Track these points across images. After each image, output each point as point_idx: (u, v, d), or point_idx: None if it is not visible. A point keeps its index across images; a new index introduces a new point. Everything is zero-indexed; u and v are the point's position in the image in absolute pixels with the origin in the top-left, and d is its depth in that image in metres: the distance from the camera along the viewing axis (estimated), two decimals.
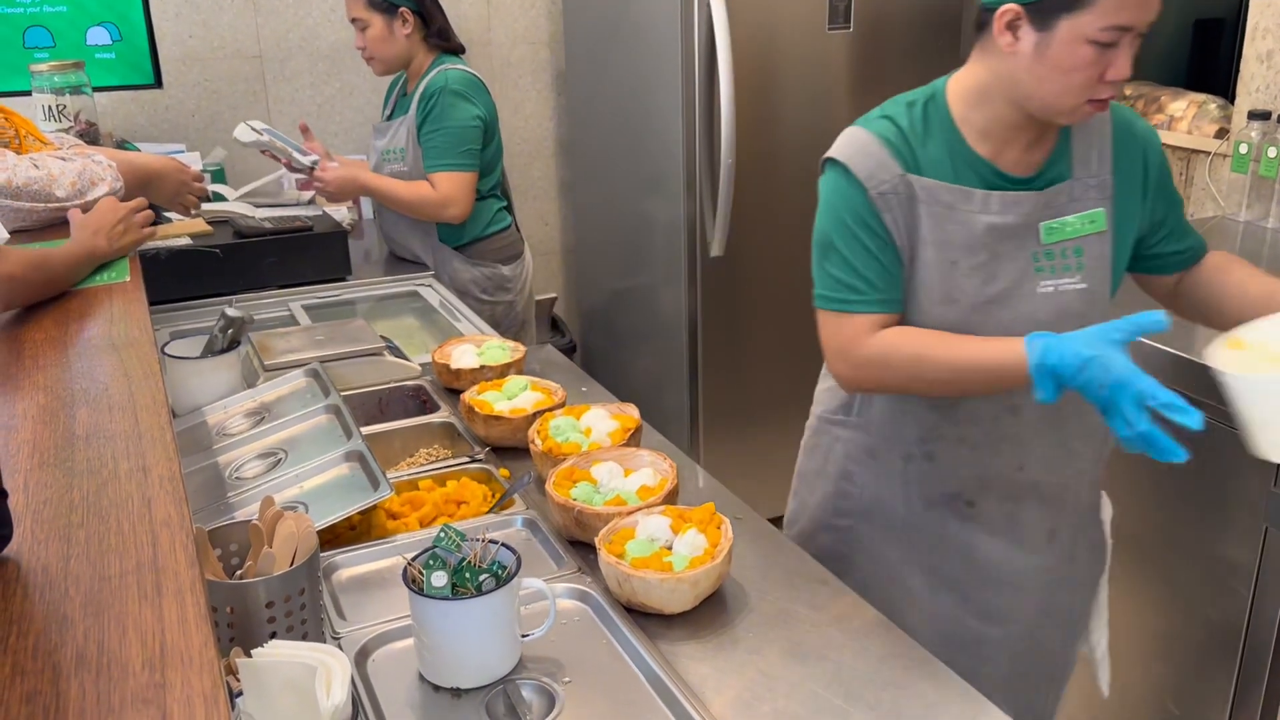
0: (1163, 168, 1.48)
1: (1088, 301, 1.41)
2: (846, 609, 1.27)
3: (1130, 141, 1.44)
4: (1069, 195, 1.40)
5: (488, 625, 1.13)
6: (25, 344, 1.35)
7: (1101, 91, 1.30)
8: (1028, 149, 1.40)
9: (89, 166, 1.87)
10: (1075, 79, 1.28)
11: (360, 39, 2.68)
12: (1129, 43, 1.28)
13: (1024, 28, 1.30)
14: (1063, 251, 1.40)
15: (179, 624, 0.76)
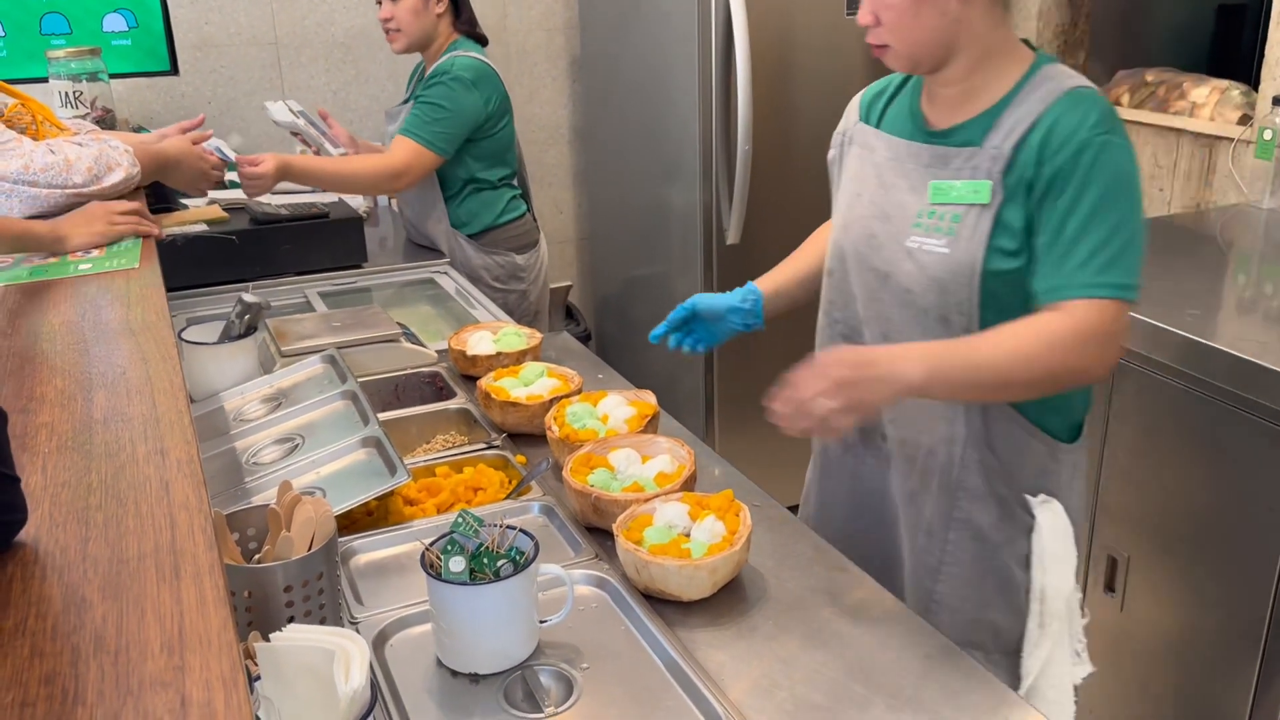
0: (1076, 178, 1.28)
1: (948, 269, 1.36)
2: (866, 597, 1.26)
3: (1053, 133, 1.30)
4: (967, 161, 1.36)
5: (505, 611, 1.13)
6: (43, 328, 1.35)
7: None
8: (950, 106, 1.40)
9: (105, 152, 1.86)
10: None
11: (389, 9, 2.61)
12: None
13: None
14: (943, 215, 1.38)
15: (197, 606, 0.75)
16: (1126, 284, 1.26)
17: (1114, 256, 1.26)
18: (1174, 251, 2.29)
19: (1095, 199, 1.27)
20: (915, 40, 1.35)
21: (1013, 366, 1.26)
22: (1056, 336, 1.26)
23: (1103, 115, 1.30)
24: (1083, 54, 3.15)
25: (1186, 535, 1.89)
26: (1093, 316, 1.25)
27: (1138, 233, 1.28)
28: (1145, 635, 2.00)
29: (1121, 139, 1.30)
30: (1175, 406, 1.86)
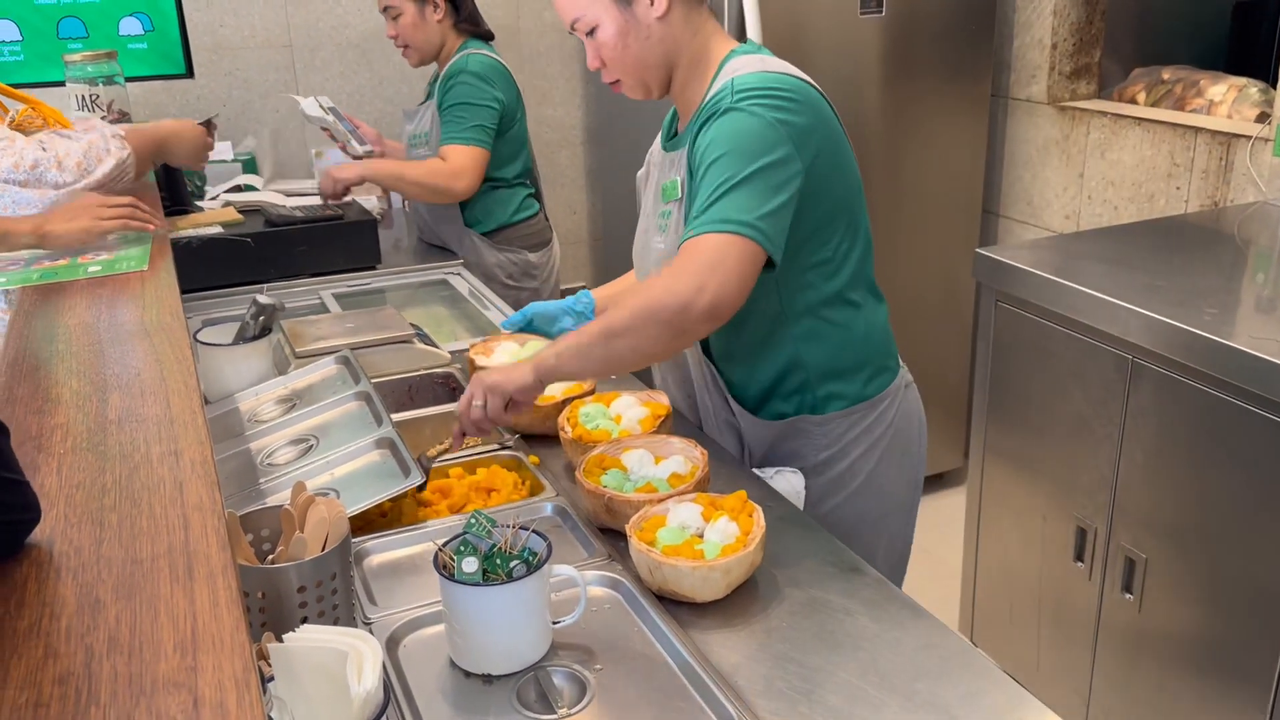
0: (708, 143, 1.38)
1: (663, 261, 1.48)
2: (880, 598, 1.25)
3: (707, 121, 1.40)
4: (675, 163, 1.49)
5: (518, 612, 1.12)
6: (59, 329, 1.35)
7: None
8: (684, 115, 1.53)
9: (94, 143, 1.81)
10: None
11: (392, 28, 2.68)
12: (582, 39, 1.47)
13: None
14: (666, 213, 1.51)
15: (210, 607, 0.75)
16: (727, 219, 1.30)
17: (719, 198, 1.32)
18: (1191, 250, 2.27)
19: (711, 156, 1.36)
20: (634, 69, 1.47)
21: (610, 319, 1.34)
22: (652, 279, 1.34)
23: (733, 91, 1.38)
24: (1098, 51, 3.13)
25: (1205, 536, 1.88)
26: (687, 252, 1.31)
27: (746, 179, 1.32)
28: (1163, 637, 1.99)
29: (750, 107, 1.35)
30: (1193, 406, 1.85)
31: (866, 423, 1.57)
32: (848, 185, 1.49)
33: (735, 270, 1.29)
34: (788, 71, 1.43)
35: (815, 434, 1.56)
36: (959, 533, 2.58)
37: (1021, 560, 2.34)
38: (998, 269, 2.23)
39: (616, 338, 1.33)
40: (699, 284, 1.28)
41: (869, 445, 1.58)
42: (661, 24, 1.43)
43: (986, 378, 2.36)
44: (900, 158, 3.11)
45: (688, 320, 1.30)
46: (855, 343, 1.55)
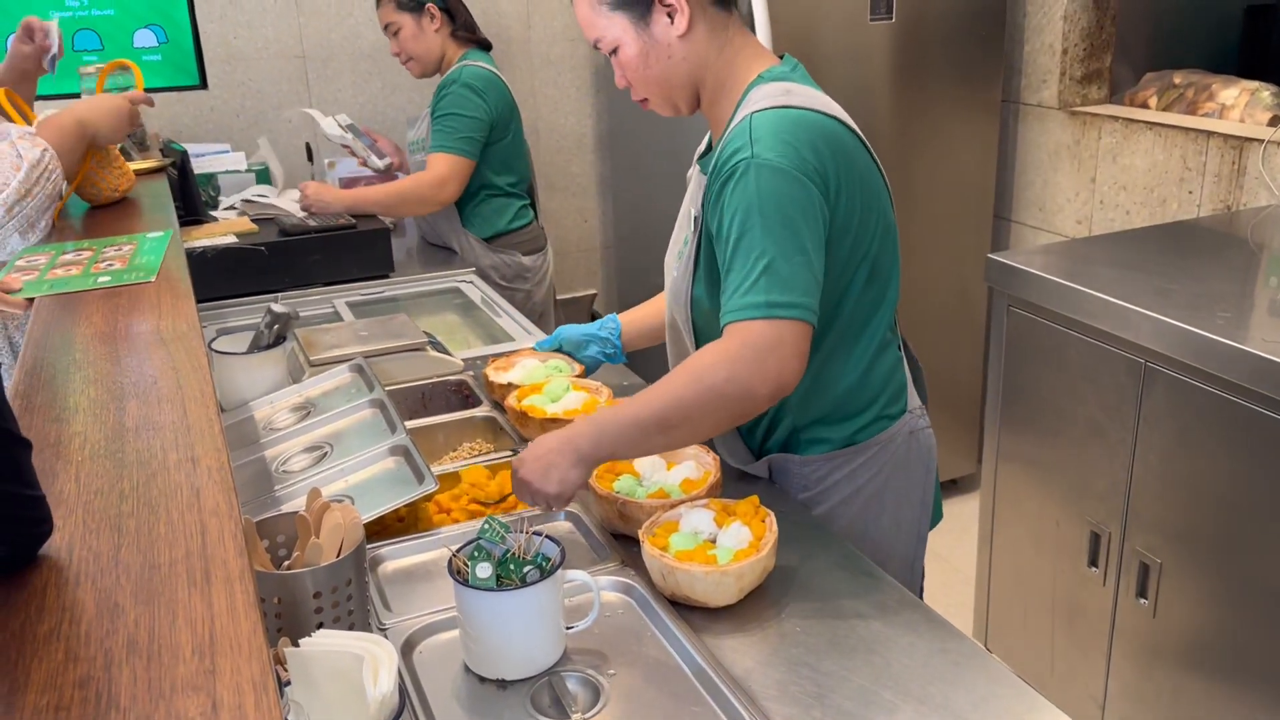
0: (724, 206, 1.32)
1: (674, 289, 1.50)
2: (893, 602, 1.25)
3: (724, 163, 1.34)
4: (700, 187, 1.44)
5: (532, 617, 1.13)
6: (76, 339, 1.36)
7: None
8: (716, 135, 1.47)
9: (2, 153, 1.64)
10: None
11: (394, 44, 2.81)
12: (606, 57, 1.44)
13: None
14: (685, 239, 1.48)
15: (228, 611, 0.76)
16: (772, 301, 1.26)
17: (757, 278, 1.27)
18: (1204, 254, 2.26)
19: (739, 225, 1.29)
20: (659, 88, 1.42)
21: (665, 406, 1.29)
22: (702, 364, 1.28)
23: (755, 139, 1.30)
24: (1109, 56, 3.13)
25: (1219, 540, 1.87)
26: (739, 337, 1.27)
27: (783, 249, 1.27)
28: (1178, 642, 1.98)
29: (769, 157, 1.28)
30: (1207, 410, 1.84)
31: (850, 468, 1.50)
32: (871, 230, 1.41)
33: (794, 351, 1.28)
34: (810, 106, 1.36)
35: (795, 474, 1.52)
36: (973, 538, 2.57)
37: (1035, 565, 2.33)
38: (1010, 274, 2.23)
39: (673, 429, 1.30)
40: (760, 370, 1.26)
41: (852, 491, 1.51)
42: (684, 42, 1.38)
43: (999, 383, 2.36)
44: (911, 163, 3.11)
45: (752, 404, 1.29)
46: (854, 387, 1.48)
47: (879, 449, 1.51)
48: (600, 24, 1.39)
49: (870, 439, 1.50)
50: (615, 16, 1.38)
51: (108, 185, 1.99)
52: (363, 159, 2.93)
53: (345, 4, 3.32)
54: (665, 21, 1.37)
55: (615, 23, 1.38)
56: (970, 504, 3.37)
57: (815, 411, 1.49)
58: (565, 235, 3.79)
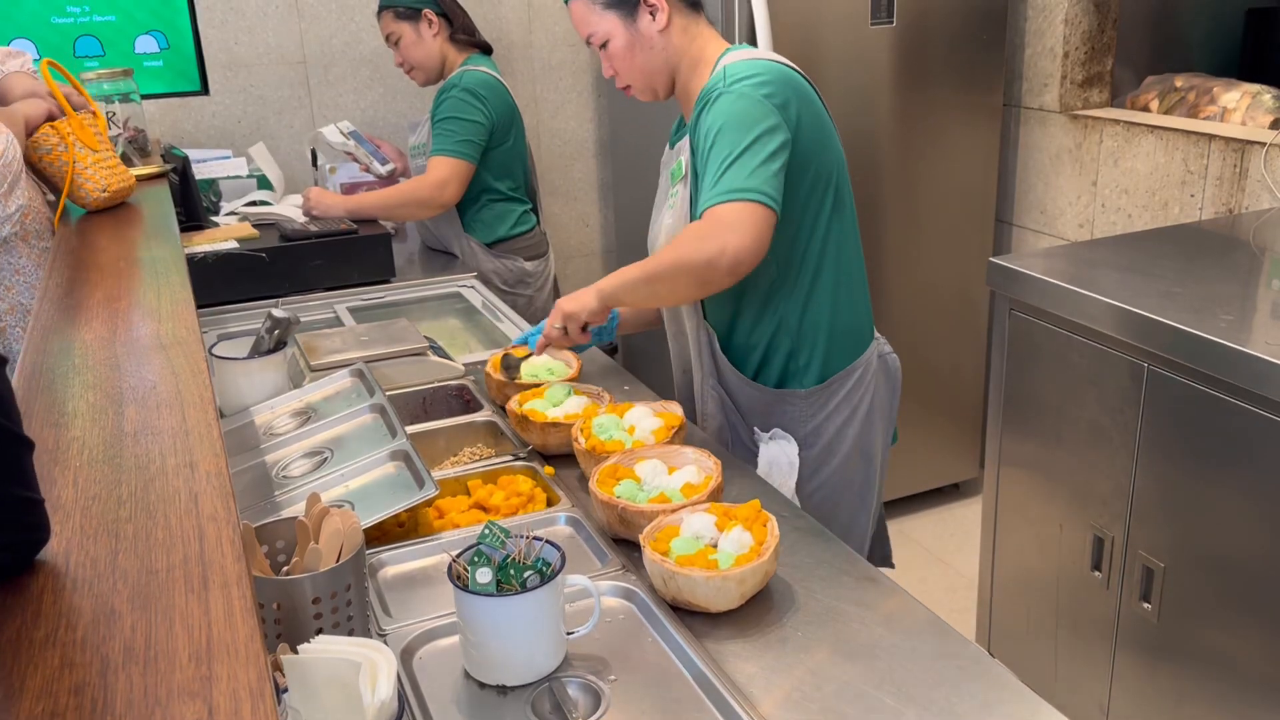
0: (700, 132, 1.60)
1: (668, 235, 1.71)
2: (896, 607, 1.25)
3: (701, 100, 1.63)
4: (680, 150, 1.72)
5: (533, 622, 1.12)
6: (75, 343, 1.36)
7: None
8: (687, 110, 1.74)
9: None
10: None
11: (397, 55, 2.82)
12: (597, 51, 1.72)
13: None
14: (674, 192, 1.73)
15: (225, 617, 0.76)
16: (734, 188, 1.51)
17: (724, 173, 1.53)
18: (1206, 257, 2.26)
19: (712, 138, 1.56)
20: (642, 75, 1.71)
21: (653, 266, 1.57)
22: (680, 238, 1.56)
23: (725, 79, 1.59)
24: (1110, 60, 3.13)
25: (1223, 545, 1.86)
26: (707, 217, 1.53)
27: (746, 151, 1.53)
28: (1182, 647, 1.97)
29: (741, 86, 1.57)
30: (1209, 413, 1.84)
31: (845, 390, 1.75)
32: (830, 159, 1.67)
33: (751, 230, 1.50)
34: (773, 59, 1.66)
35: (801, 405, 1.74)
36: (975, 542, 2.56)
37: (1038, 569, 2.32)
38: (1012, 277, 2.22)
39: (656, 282, 1.58)
40: (721, 244, 1.50)
41: (850, 411, 1.76)
42: (663, 35, 1.67)
43: (1001, 386, 2.35)
44: (912, 167, 3.10)
45: (713, 273, 1.52)
46: (838, 310, 1.73)
47: (863, 370, 1.77)
48: (594, 20, 1.68)
49: (855, 361, 1.76)
50: (607, 14, 1.67)
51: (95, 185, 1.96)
52: (365, 165, 2.94)
53: (346, 10, 3.32)
54: (648, 18, 1.66)
55: (607, 19, 1.67)
56: (972, 508, 3.36)
57: (809, 335, 1.73)
58: (566, 239, 3.79)
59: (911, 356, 1.74)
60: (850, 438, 1.76)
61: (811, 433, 1.74)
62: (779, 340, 1.74)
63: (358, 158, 2.93)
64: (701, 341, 1.80)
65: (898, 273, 3.16)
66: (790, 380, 1.75)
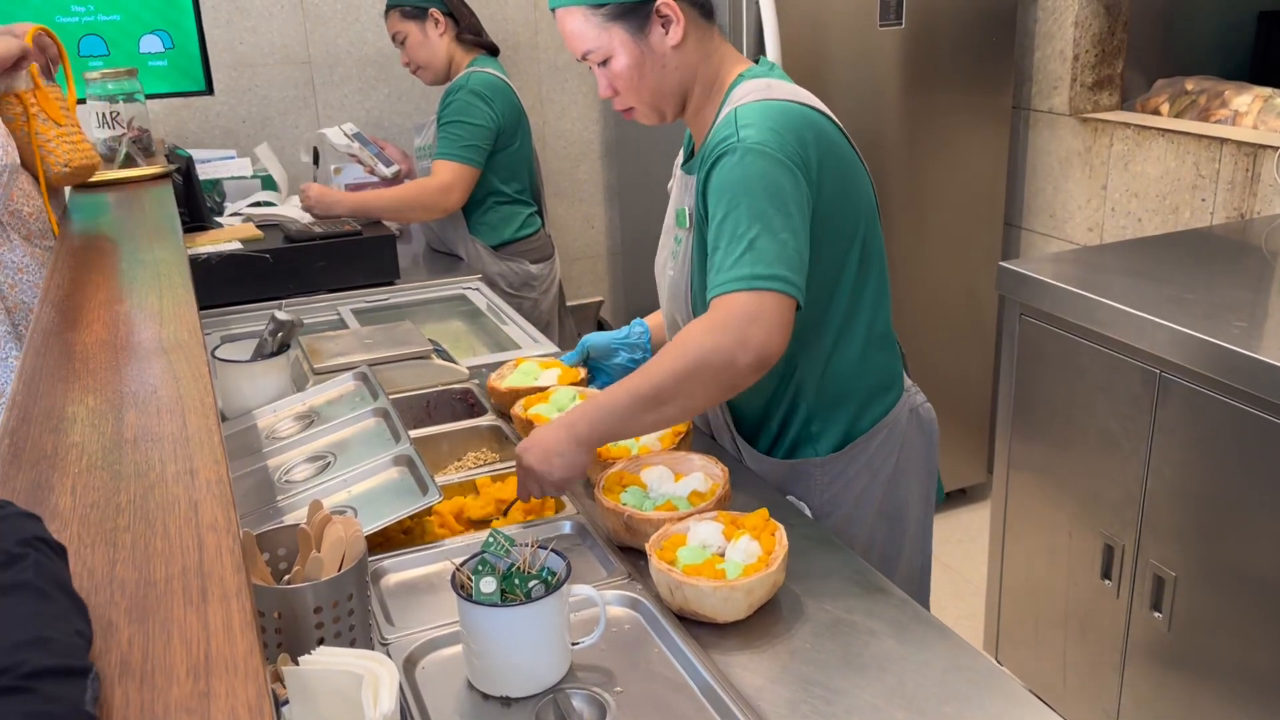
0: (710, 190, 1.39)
1: (672, 292, 1.55)
2: (906, 619, 1.23)
3: (710, 151, 1.40)
4: (689, 188, 1.48)
5: (537, 633, 1.11)
6: (75, 346, 1.35)
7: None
8: (699, 138, 1.53)
9: None
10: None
11: (403, 54, 2.81)
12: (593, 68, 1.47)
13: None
14: (679, 239, 1.52)
15: (224, 630, 0.74)
16: (755, 274, 1.30)
17: (741, 253, 1.31)
18: (1218, 262, 2.24)
19: (725, 204, 1.35)
20: (650, 97, 1.46)
21: (657, 381, 1.33)
22: (689, 337, 1.32)
23: (740, 126, 1.36)
24: (1120, 63, 3.11)
25: (1235, 554, 1.84)
26: (723, 308, 1.31)
27: (767, 228, 1.32)
28: (1193, 657, 1.95)
29: (753, 143, 1.34)
30: (1221, 421, 1.82)
31: (867, 455, 1.56)
32: (857, 212, 1.47)
33: (776, 321, 1.31)
34: (793, 98, 1.42)
35: (816, 473, 1.56)
36: (983, 548, 2.54)
37: (1047, 577, 2.30)
38: (1021, 282, 2.20)
39: (665, 403, 1.33)
40: (741, 339, 1.29)
41: (871, 475, 1.57)
42: (677, 52, 1.43)
43: (1010, 392, 2.33)
44: (921, 170, 3.08)
45: (736, 374, 1.31)
46: (862, 372, 1.54)
47: (889, 430, 1.57)
48: (592, 36, 1.42)
49: (878, 424, 1.56)
50: (612, 28, 1.41)
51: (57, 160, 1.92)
52: (370, 167, 2.93)
53: (351, 10, 3.31)
54: (661, 32, 1.41)
55: (611, 34, 1.41)
56: (979, 513, 3.34)
57: (828, 400, 1.53)
58: (572, 241, 3.78)
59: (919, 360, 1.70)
60: (873, 502, 1.57)
61: (828, 501, 1.56)
62: (796, 409, 1.55)
63: (361, 160, 2.92)
64: (718, 416, 1.65)
65: (905, 276, 3.14)
66: (804, 447, 1.56)
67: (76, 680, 0.62)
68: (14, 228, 1.87)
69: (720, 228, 1.35)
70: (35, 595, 0.67)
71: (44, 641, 0.63)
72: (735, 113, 1.39)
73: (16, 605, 0.65)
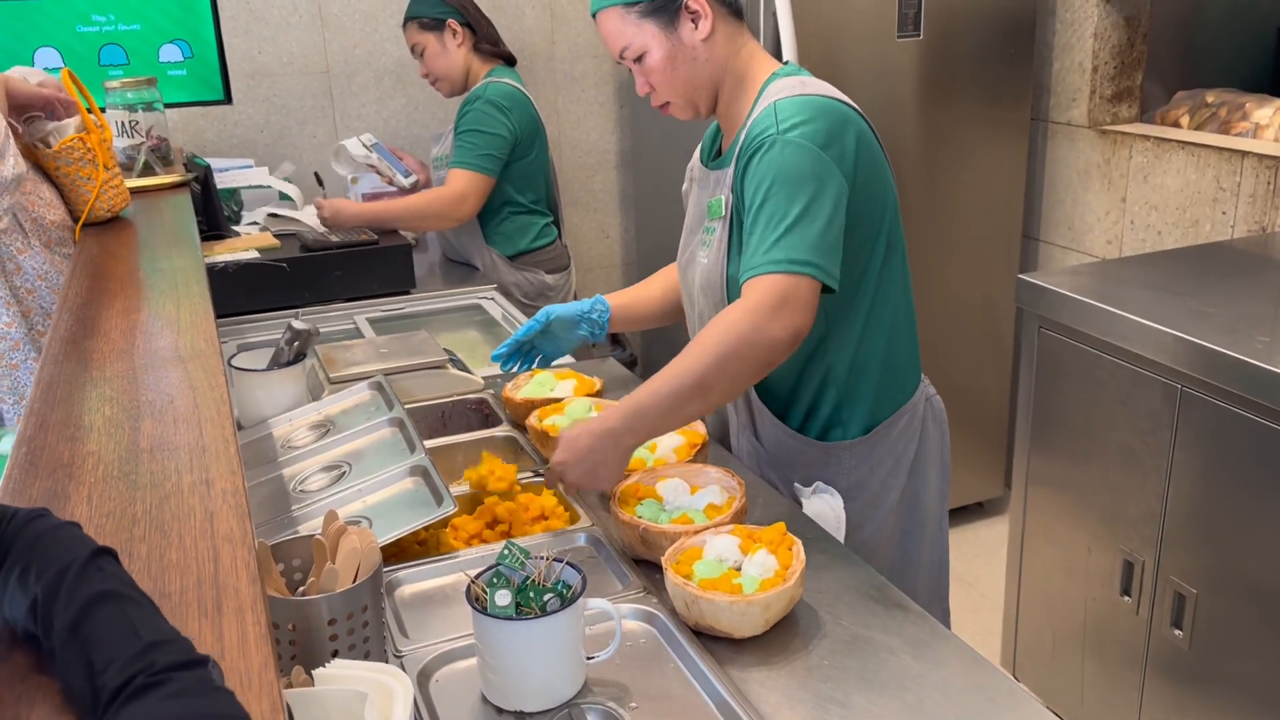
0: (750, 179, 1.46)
1: (706, 278, 1.58)
2: (925, 635, 1.22)
3: (748, 145, 1.48)
4: (721, 181, 1.55)
5: (552, 647, 1.10)
6: (93, 355, 1.35)
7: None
8: (728, 132, 1.60)
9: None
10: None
11: (422, 66, 2.82)
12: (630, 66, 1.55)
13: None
14: (710, 229, 1.57)
15: (239, 644, 0.74)
16: (790, 258, 1.38)
17: (779, 238, 1.39)
18: (1240, 276, 2.22)
19: (764, 193, 1.42)
20: (684, 91, 1.54)
21: (700, 365, 1.38)
22: (729, 321, 1.38)
23: (781, 119, 1.44)
24: (1140, 75, 3.09)
25: (1257, 571, 1.82)
26: (758, 290, 1.38)
27: (803, 214, 1.39)
28: (1214, 675, 1.92)
29: (795, 136, 1.41)
30: (1243, 436, 1.80)
31: (890, 440, 1.62)
32: (885, 203, 1.54)
33: (804, 305, 1.38)
34: (828, 94, 1.49)
35: (845, 456, 1.61)
36: (1000, 563, 2.52)
37: (1066, 593, 2.28)
38: (1041, 294, 2.19)
39: (711, 389, 1.39)
40: (779, 319, 1.37)
41: (895, 460, 1.63)
42: (706, 46, 1.51)
43: (1029, 405, 2.31)
44: (939, 182, 3.07)
45: (775, 354, 1.39)
46: (888, 357, 1.60)
47: (909, 416, 1.64)
48: (629, 32, 1.51)
49: (901, 408, 1.62)
50: (645, 24, 1.50)
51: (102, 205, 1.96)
52: (389, 177, 2.94)
53: (370, 20, 3.32)
54: (690, 27, 1.50)
55: (645, 30, 1.50)
56: (997, 528, 3.32)
57: (857, 383, 1.59)
58: (586, 250, 3.78)
59: (936, 372, 1.70)
60: (896, 489, 1.63)
61: (855, 485, 1.61)
62: (825, 392, 1.60)
63: (380, 170, 2.93)
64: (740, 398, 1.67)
65: (923, 287, 3.10)
66: (834, 431, 1.61)
67: (199, 669, 0.65)
68: (35, 234, 1.88)
69: (758, 214, 1.42)
70: (126, 602, 0.70)
71: (158, 644, 0.66)
72: (775, 106, 1.46)
73: (116, 614, 0.68)
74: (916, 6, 2.88)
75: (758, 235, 1.41)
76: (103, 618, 0.68)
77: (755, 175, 1.44)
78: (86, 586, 0.69)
